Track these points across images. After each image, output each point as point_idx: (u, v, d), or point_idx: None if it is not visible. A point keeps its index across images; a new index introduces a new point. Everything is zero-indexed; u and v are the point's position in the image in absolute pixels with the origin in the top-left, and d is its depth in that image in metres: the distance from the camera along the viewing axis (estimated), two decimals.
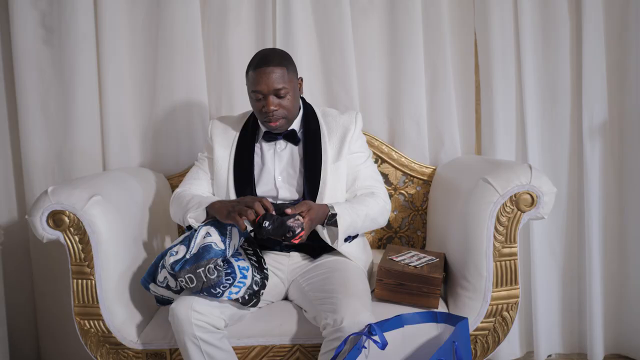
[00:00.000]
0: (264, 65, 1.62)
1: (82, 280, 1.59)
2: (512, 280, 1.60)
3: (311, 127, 1.73)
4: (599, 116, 2.14)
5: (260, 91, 1.62)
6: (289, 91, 1.64)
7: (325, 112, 1.80)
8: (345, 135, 1.73)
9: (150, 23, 2.14)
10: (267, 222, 1.47)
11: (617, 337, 2.24)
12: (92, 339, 1.62)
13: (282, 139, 1.71)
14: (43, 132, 2.15)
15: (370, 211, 1.65)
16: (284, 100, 1.64)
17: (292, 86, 1.66)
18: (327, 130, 1.74)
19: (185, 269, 1.46)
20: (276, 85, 1.61)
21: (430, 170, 2.15)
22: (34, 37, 2.11)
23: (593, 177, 2.14)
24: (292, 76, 1.66)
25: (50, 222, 1.57)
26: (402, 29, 2.13)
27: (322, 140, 1.71)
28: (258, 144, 1.74)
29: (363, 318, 1.42)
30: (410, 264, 1.67)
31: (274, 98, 1.62)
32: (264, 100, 1.63)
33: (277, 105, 1.63)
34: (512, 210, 1.57)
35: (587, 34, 2.10)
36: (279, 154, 1.72)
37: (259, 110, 1.66)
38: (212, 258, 1.46)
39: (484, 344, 1.63)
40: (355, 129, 1.75)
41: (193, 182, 1.77)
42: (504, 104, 2.15)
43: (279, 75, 1.62)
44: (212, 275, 1.45)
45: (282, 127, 1.68)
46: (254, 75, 1.63)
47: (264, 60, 1.64)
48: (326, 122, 1.76)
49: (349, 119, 1.76)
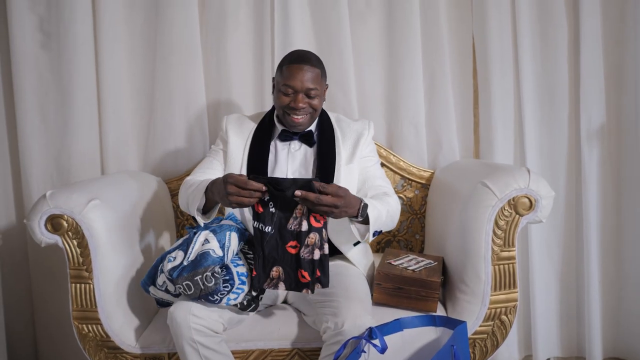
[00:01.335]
0: (301, 62, 1.63)
1: (80, 284, 1.59)
2: (511, 283, 1.60)
3: (326, 131, 1.74)
4: (597, 120, 2.15)
5: (293, 86, 1.62)
6: (319, 94, 1.66)
7: (338, 118, 1.83)
8: (359, 140, 1.75)
9: (149, 27, 2.14)
10: (271, 203, 1.44)
11: (615, 340, 2.24)
12: (91, 343, 1.62)
13: (298, 140, 1.72)
14: (41, 136, 2.15)
15: (390, 208, 1.63)
16: (313, 100, 1.65)
17: (322, 90, 1.69)
18: (341, 135, 1.76)
19: (182, 276, 1.46)
20: (310, 84, 1.63)
21: (428, 174, 2.16)
22: (32, 42, 2.11)
23: (591, 180, 2.15)
24: (323, 80, 1.69)
25: (48, 227, 1.57)
26: (400, 33, 2.14)
27: (336, 143, 1.73)
28: (273, 142, 1.74)
29: (364, 322, 1.42)
30: (408, 268, 1.67)
31: (304, 96, 1.64)
32: (293, 95, 1.64)
33: (306, 104, 1.64)
34: (511, 214, 1.57)
35: (585, 37, 2.11)
36: (293, 154, 1.72)
37: (286, 105, 1.65)
38: (209, 266, 1.46)
39: (483, 347, 1.63)
40: (368, 135, 1.78)
41: (206, 171, 1.74)
42: (502, 108, 2.16)
43: (314, 75, 1.64)
44: (210, 283, 1.45)
45: (303, 125, 1.68)
46: (289, 70, 1.63)
47: (302, 57, 1.65)
48: (340, 127, 1.78)
49: (362, 126, 1.79)
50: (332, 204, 1.42)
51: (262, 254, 1.47)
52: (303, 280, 1.45)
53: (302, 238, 1.45)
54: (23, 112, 2.13)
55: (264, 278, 1.48)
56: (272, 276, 1.47)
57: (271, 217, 1.46)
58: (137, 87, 2.17)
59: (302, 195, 1.41)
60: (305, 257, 1.45)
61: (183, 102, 2.15)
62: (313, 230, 1.45)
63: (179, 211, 2.13)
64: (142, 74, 2.17)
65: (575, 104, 2.18)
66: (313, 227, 1.45)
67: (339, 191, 1.44)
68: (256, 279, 1.48)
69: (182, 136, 2.17)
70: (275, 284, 1.48)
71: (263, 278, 1.47)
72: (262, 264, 1.47)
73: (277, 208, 1.45)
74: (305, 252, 1.45)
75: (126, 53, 2.15)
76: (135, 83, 2.17)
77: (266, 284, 1.48)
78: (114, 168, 2.15)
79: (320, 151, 1.71)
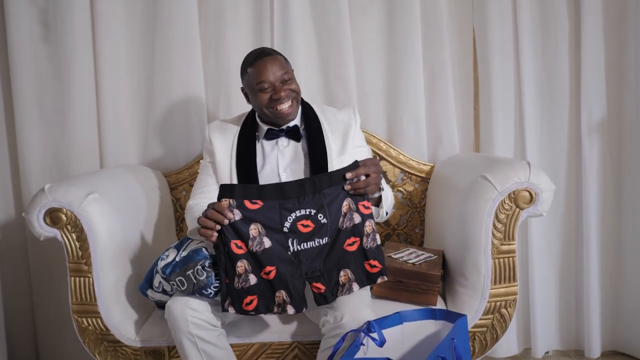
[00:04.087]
0: (263, 56, 1.64)
1: (79, 278, 1.59)
2: (511, 277, 1.60)
3: (313, 123, 1.73)
4: (598, 114, 2.14)
5: (266, 80, 1.62)
6: (292, 76, 1.67)
7: (323, 109, 1.81)
8: (348, 131, 1.74)
9: (148, 20, 2.13)
10: (320, 215, 1.42)
11: (614, 333, 2.24)
12: (90, 336, 1.62)
13: (285, 136, 1.71)
14: (40, 130, 2.14)
15: (389, 194, 1.66)
16: (291, 85, 1.65)
17: (292, 73, 1.69)
18: (329, 126, 1.75)
19: (175, 272, 1.46)
20: (280, 71, 1.63)
21: (428, 167, 2.15)
22: (31, 34, 2.10)
23: (591, 174, 2.14)
24: (288, 65, 1.70)
25: (47, 220, 1.56)
26: (400, 26, 2.13)
27: (324, 135, 1.72)
28: (259, 142, 1.73)
29: (363, 315, 1.42)
30: (408, 261, 1.67)
31: (281, 85, 1.63)
32: (271, 88, 1.63)
33: (286, 90, 1.64)
34: (511, 207, 1.57)
35: (586, 31, 2.10)
36: (282, 151, 1.71)
37: (268, 100, 1.64)
38: (200, 260, 1.46)
39: (482, 340, 1.63)
40: (356, 125, 1.77)
41: (202, 190, 1.73)
42: (503, 101, 2.15)
43: (279, 62, 1.65)
44: (201, 276, 1.44)
45: (292, 114, 1.67)
46: (254, 70, 1.64)
47: (261, 53, 1.67)
48: (326, 117, 1.76)
49: (348, 115, 1.78)
50: (376, 171, 1.45)
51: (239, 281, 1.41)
52: (374, 270, 1.45)
53: (359, 230, 1.45)
54: (21, 105, 2.12)
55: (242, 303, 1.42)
56: (277, 302, 1.42)
57: (324, 228, 1.43)
58: (135, 81, 2.16)
59: (353, 175, 1.43)
60: (371, 246, 1.45)
61: (182, 96, 2.14)
62: (366, 218, 1.46)
63: (178, 205, 2.13)
64: (141, 68, 2.16)
65: (575, 98, 2.18)
66: (365, 215, 1.46)
67: (366, 161, 1.47)
68: (227, 303, 1.41)
69: (181, 129, 2.16)
70: (282, 309, 1.42)
71: (238, 303, 1.42)
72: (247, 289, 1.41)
73: (327, 218, 1.43)
74: (368, 241, 1.45)
75: (124, 46, 2.14)
76: (133, 76, 2.16)
77: (274, 309, 1.43)
78: (112, 161, 2.15)
79: (311, 145, 1.69)
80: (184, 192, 2.13)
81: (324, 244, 1.44)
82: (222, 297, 1.43)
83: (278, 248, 1.42)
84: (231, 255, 1.41)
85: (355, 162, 1.46)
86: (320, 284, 1.42)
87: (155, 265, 1.53)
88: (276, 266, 1.42)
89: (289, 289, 1.42)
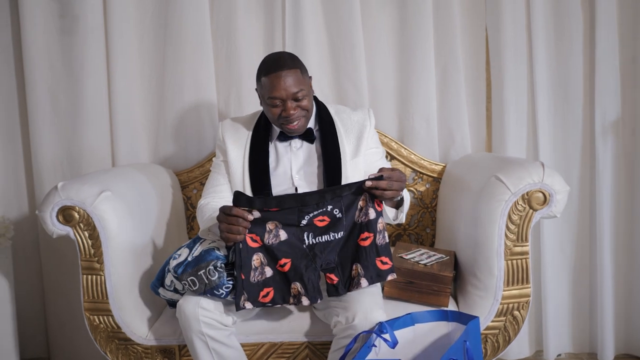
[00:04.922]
0: (277, 69, 1.57)
1: (91, 275, 1.59)
2: (524, 279, 1.58)
3: (326, 125, 1.71)
4: (612, 114, 2.12)
5: (278, 97, 1.58)
6: (306, 94, 1.61)
7: (337, 109, 1.78)
8: (362, 132, 1.72)
9: (159, 17, 2.13)
10: (336, 210, 1.43)
11: (627, 337, 2.22)
12: (102, 334, 1.63)
13: (298, 138, 1.70)
14: (53, 128, 2.15)
15: (406, 196, 1.64)
16: (302, 102, 1.60)
17: (307, 87, 1.63)
18: (343, 128, 1.73)
19: (187, 272, 1.46)
20: (294, 89, 1.57)
21: (440, 167, 2.14)
22: (44, 31, 2.11)
23: (605, 175, 2.12)
24: (305, 76, 1.64)
25: (60, 218, 1.57)
26: (412, 26, 2.12)
27: (339, 138, 1.70)
28: (272, 143, 1.72)
29: (375, 316, 1.42)
30: (420, 262, 1.66)
31: (292, 102, 1.59)
32: (282, 105, 1.59)
33: (296, 109, 1.60)
34: (524, 208, 1.56)
35: (600, 30, 2.07)
36: (295, 152, 1.70)
37: (277, 116, 1.61)
38: (212, 260, 1.46)
39: (495, 343, 1.61)
40: (371, 126, 1.75)
41: (215, 190, 1.72)
42: (515, 101, 2.13)
43: (294, 78, 1.58)
44: (213, 276, 1.44)
45: (301, 129, 1.65)
46: (268, 81, 1.58)
47: (276, 64, 1.59)
48: (340, 119, 1.74)
49: (362, 116, 1.76)
50: (399, 179, 1.43)
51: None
52: (385, 267, 1.45)
53: (373, 226, 1.45)
54: (34, 104, 2.13)
55: (288, 295, 1.46)
56: (292, 293, 1.46)
57: (340, 222, 1.45)
58: (147, 78, 2.17)
59: (373, 184, 1.42)
60: (381, 243, 1.46)
61: (193, 94, 2.14)
62: (379, 215, 1.46)
63: (189, 203, 2.13)
64: (152, 65, 2.16)
65: (590, 98, 2.15)
66: (379, 212, 1.46)
67: (392, 175, 1.44)
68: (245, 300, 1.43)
69: (192, 127, 2.16)
70: (298, 299, 1.45)
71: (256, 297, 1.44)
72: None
73: (343, 213, 1.44)
74: (379, 238, 1.45)
75: (136, 44, 2.15)
76: (145, 74, 2.17)
77: (289, 300, 1.46)
78: (124, 160, 2.15)
79: (325, 147, 1.68)
80: (195, 191, 2.14)
81: (339, 238, 1.46)
82: (237, 294, 1.43)
83: (293, 240, 1.45)
84: (247, 248, 1.43)
85: (380, 176, 1.43)
86: (334, 275, 1.45)
87: (167, 264, 1.53)
88: (291, 259, 1.45)
89: (304, 281, 1.44)
